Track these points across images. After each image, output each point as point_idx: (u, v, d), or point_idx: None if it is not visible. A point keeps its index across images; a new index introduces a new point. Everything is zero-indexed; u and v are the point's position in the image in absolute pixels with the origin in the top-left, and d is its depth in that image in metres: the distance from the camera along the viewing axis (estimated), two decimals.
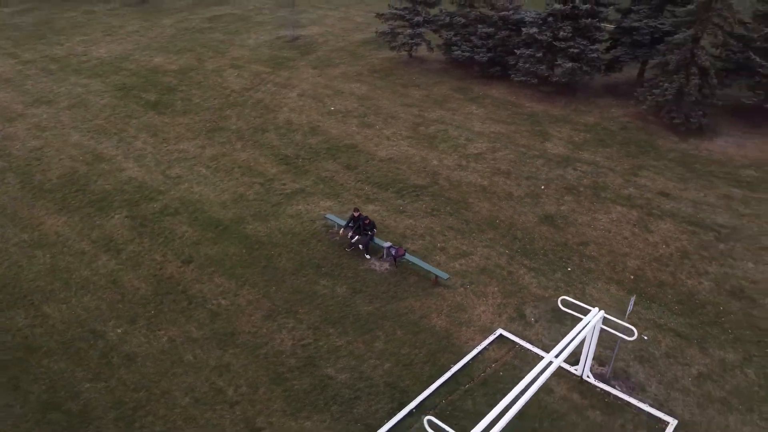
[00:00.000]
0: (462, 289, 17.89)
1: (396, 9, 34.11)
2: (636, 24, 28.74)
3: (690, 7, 25.11)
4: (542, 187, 23.41)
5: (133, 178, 23.54)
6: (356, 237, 19.22)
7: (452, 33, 32.88)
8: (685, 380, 14.91)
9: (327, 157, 25.56)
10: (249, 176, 23.95)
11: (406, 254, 18.63)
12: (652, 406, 14.04)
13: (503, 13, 31.11)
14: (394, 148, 26.29)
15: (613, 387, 14.53)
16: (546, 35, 28.83)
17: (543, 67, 29.48)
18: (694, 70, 25.59)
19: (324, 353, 15.32)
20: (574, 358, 15.29)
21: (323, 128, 27.94)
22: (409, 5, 33.94)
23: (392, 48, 34.52)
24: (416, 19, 33.20)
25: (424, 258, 18.79)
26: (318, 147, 26.37)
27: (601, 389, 14.48)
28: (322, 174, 24.33)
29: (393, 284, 18.00)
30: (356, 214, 19.35)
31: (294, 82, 32.83)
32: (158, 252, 19.11)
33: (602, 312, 13.67)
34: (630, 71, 31.69)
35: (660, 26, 28.31)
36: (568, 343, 12.31)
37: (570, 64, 28.67)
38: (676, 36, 25.87)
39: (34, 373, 14.52)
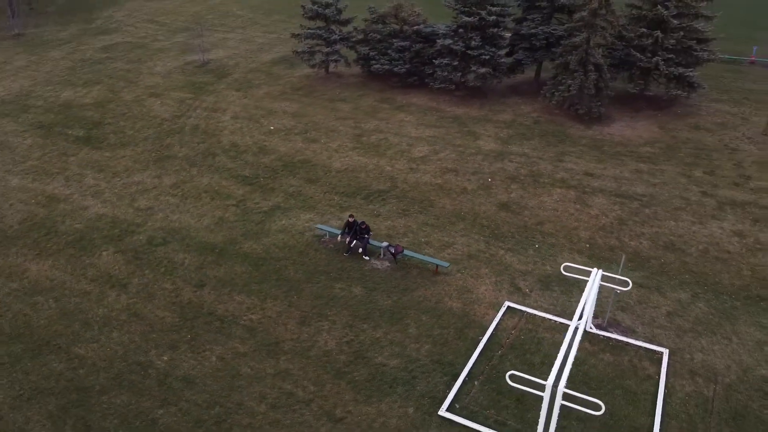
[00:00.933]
0: (459, 274, 20.20)
1: (311, 29, 35.75)
2: (533, 31, 32.81)
3: (582, 13, 29.42)
4: (489, 179, 26.39)
5: (101, 214, 23.24)
6: (354, 242, 20.83)
7: (368, 48, 35.16)
8: (660, 319, 18.34)
9: (286, 174, 26.74)
10: (219, 200, 24.56)
11: (404, 250, 20.58)
12: (645, 342, 17.23)
13: (416, 27, 33.96)
14: (346, 159, 28.04)
15: (612, 333, 17.58)
16: (459, 45, 32.03)
17: (459, 74, 32.66)
18: (590, 67, 29.97)
19: (368, 346, 16.90)
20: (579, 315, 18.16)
21: (271, 147, 29.00)
22: (323, 24, 35.73)
23: (313, 66, 36.13)
24: (333, 37, 35.08)
25: (415, 252, 20.85)
26: (273, 165, 27.44)
27: (603, 336, 17.47)
28: (288, 190, 25.52)
29: (399, 279, 19.89)
30: (351, 220, 20.99)
31: (222, 106, 33.37)
32: (166, 281, 19.45)
33: (601, 270, 16.62)
34: (527, 72, 35.88)
35: (553, 32, 32.61)
36: (584, 304, 15.02)
37: (483, 70, 32.12)
38: (572, 39, 30.11)
39: (100, 410, 14.68)
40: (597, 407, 12.49)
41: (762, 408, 15.13)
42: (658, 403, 15.09)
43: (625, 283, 16.63)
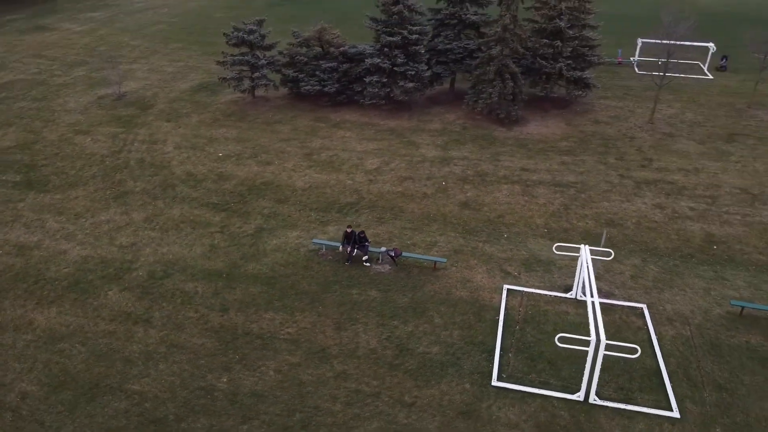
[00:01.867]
0: (454, 268, 22.59)
1: (234, 55, 36.50)
2: (449, 46, 36.19)
3: (496, 29, 33.19)
4: (443, 183, 29.10)
5: (86, 256, 22.80)
6: (355, 250, 22.48)
7: (296, 71, 36.62)
8: (628, 282, 21.94)
9: (254, 197, 27.61)
10: (200, 228, 24.96)
11: (403, 253, 22.60)
12: (625, 301, 20.67)
13: (342, 48, 36.02)
14: (306, 177, 29.42)
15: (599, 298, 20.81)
16: (386, 63, 34.58)
17: (388, 89, 35.19)
18: (507, 76, 33.83)
19: (406, 339, 18.72)
20: (564, 289, 21.28)
21: (228, 173, 29.59)
22: (247, 50, 36.64)
23: (243, 91, 36.86)
24: (261, 62, 36.12)
25: (409, 253, 22.94)
26: (238, 190, 28.14)
27: (595, 305, 20.64)
28: (263, 212, 26.46)
29: (405, 279, 21.87)
30: (350, 231, 22.61)
31: (160, 137, 33.20)
32: (188, 310, 19.87)
33: (587, 246, 19.80)
34: (443, 83, 39.22)
35: (467, 46, 36.22)
36: (581, 278, 18.06)
37: (411, 84, 34.94)
38: (489, 51, 33.79)
39: None
40: (634, 351, 15.41)
41: (729, 338, 19.01)
42: (655, 346, 18.42)
43: (608, 254, 19.92)
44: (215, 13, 61.84)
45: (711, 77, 43.20)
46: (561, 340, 15.95)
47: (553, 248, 20.70)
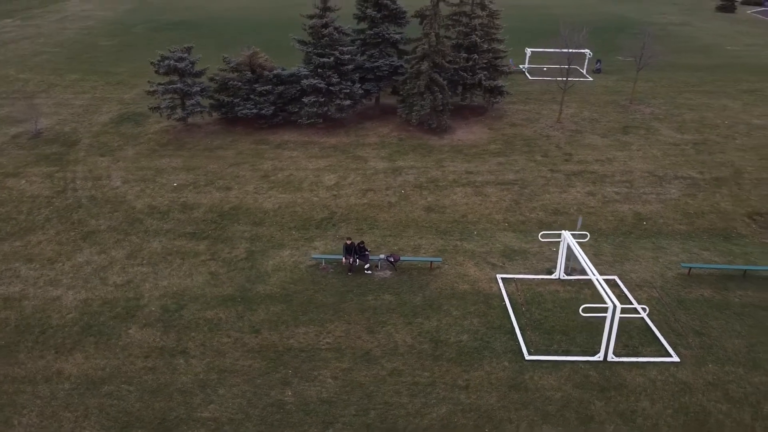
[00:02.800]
0: (446, 265, 24.82)
1: (162, 84, 36.16)
2: (376, 64, 38.51)
3: (423, 46, 36.03)
4: (402, 191, 31.29)
5: (85, 299, 22.13)
6: (357, 261, 23.95)
7: (231, 95, 37.01)
8: (593, 259, 25.40)
9: (229, 223, 28.01)
10: (190, 258, 25.04)
11: (401, 258, 24.45)
12: (600, 275, 24.07)
13: (276, 71, 37.03)
14: (272, 198, 30.22)
15: (577, 275, 24.08)
16: (322, 83, 36.18)
17: (325, 108, 36.76)
18: (436, 88, 36.82)
19: (435, 333, 20.61)
20: (546, 272, 24.30)
21: (192, 202, 29.60)
22: (176, 77, 36.43)
23: (179, 119, 36.52)
24: (194, 89, 36.10)
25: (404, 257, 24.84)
26: (209, 218, 28.35)
27: (572, 280, 23.86)
28: (245, 236, 27.01)
29: (409, 280, 23.73)
30: (349, 242, 24.04)
31: (101, 173, 32.21)
32: (221, 336, 20.25)
33: (567, 232, 22.97)
34: (371, 99, 41.41)
35: (393, 63, 38.77)
36: (564, 257, 21.15)
37: (347, 102, 36.82)
38: (418, 66, 36.54)
39: None
40: (644, 310, 18.58)
41: (688, 293, 23.00)
42: (638, 308, 21.88)
43: (584, 236, 23.20)
44: (99, 41, 59.29)
45: (591, 79, 49.33)
46: (585, 310, 18.74)
47: (539, 236, 23.60)
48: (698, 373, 18.85)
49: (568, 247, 22.67)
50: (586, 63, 50.51)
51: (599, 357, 19.26)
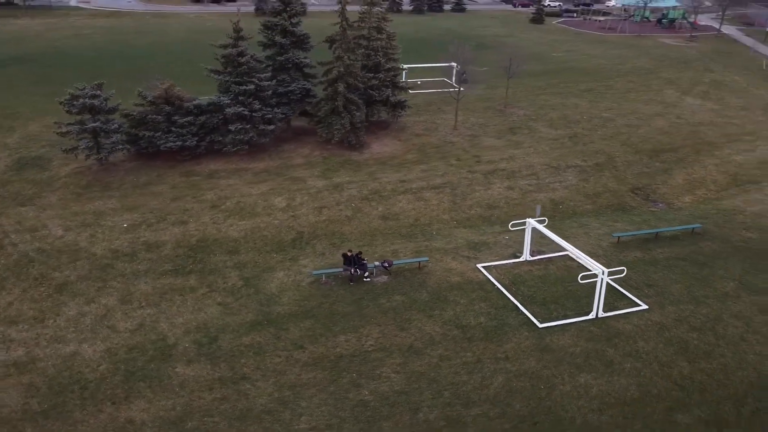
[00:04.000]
0: (431, 264, 27.70)
1: (74, 124, 34.58)
2: (290, 88, 40.20)
3: (338, 69, 38.57)
4: (353, 205, 33.58)
5: (108, 349, 21.45)
6: (357, 270, 25.90)
7: (151, 130, 36.34)
8: (541, 241, 29.96)
9: (205, 255, 28.21)
10: (189, 293, 25.09)
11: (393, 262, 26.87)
12: (558, 252, 28.59)
13: (196, 102, 37.12)
14: (233, 227, 30.78)
15: (541, 255, 28.35)
16: (246, 110, 37.14)
17: (251, 134, 37.68)
18: (353, 107, 39.56)
19: (456, 320, 23.38)
20: (513, 256, 28.26)
21: (154, 240, 29.17)
22: (89, 116, 34.99)
23: (99, 159, 35.00)
24: (113, 126, 34.95)
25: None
26: (182, 253, 28.27)
27: (537, 260, 28.10)
28: (228, 264, 27.49)
29: (406, 281, 26.20)
30: (349, 254, 25.92)
31: (33, 224, 30.23)
32: (271, 357, 21.07)
33: (532, 219, 27.16)
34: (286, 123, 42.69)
35: (305, 86, 40.73)
36: (527, 240, 25.40)
37: (271, 127, 38.14)
38: (334, 87, 38.94)
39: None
40: (622, 272, 23.16)
41: (626, 256, 28.24)
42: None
43: (543, 221, 27.55)
44: None
45: (462, 89, 55.07)
46: (583, 278, 22.82)
47: (509, 225, 27.48)
48: (664, 314, 23.85)
49: (536, 231, 26.79)
50: (454, 74, 56.21)
51: (593, 315, 23.46)
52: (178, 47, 65.94)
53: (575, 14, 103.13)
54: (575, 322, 23.20)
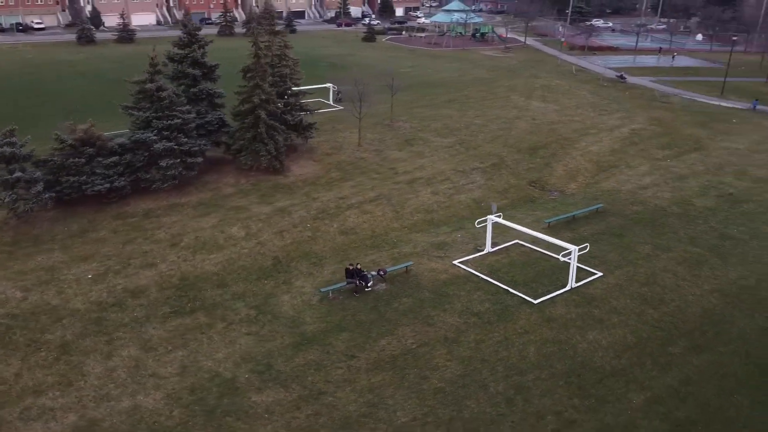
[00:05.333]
0: (413, 266, 30.50)
1: None
2: (208, 119, 40.26)
3: (260, 96, 39.60)
4: (308, 225, 35.15)
5: (169, 394, 21.01)
6: (361, 282, 27.91)
7: (71, 174, 34.22)
8: (489, 233, 34.36)
9: (195, 292, 28.04)
10: (208, 329, 25.06)
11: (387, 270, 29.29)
12: (508, 243, 33.09)
13: (121, 140, 35.76)
14: (206, 262, 30.73)
15: (499, 246, 32.68)
16: (175, 145, 36.71)
17: (180, 169, 37.23)
18: (274, 133, 40.87)
19: (467, 309, 26.42)
20: (476, 250, 32.24)
21: (134, 286, 28.21)
22: (3, 165, 32.28)
23: (19, 216, 32.16)
24: (36, 175, 32.53)
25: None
26: (170, 294, 27.79)
27: (497, 250, 32.38)
28: (226, 297, 27.71)
29: (402, 285, 28.69)
30: (351, 267, 27.83)
31: None
32: (333, 370, 22.28)
33: (492, 216, 31.42)
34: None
35: (220, 117, 41.04)
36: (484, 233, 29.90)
37: (199, 159, 38.08)
38: (256, 114, 39.86)
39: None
40: (586, 248, 28.24)
41: (563, 237, 33.71)
42: (548, 254, 31.61)
43: (499, 215, 31.94)
44: None
45: (340, 107, 58.13)
46: (564, 255, 27.39)
47: (476, 223, 31.36)
48: (616, 277, 29.38)
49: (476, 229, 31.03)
50: (331, 95, 59.15)
51: (569, 287, 28.17)
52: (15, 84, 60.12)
53: (402, 32, 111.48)
54: (558, 294, 27.66)
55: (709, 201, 39.15)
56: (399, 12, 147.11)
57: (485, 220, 31.27)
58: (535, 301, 26.98)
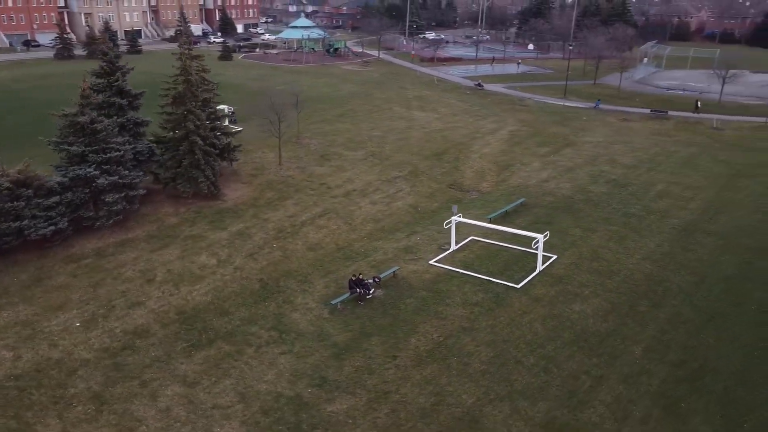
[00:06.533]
0: (398, 271, 32.63)
1: None
2: (140, 149, 38.83)
3: (195, 122, 39.11)
4: (274, 245, 35.75)
5: (243, 423, 21.03)
6: (363, 291, 29.61)
7: (10, 220, 31.54)
8: (440, 237, 37.63)
9: (201, 323, 27.67)
10: (239, 356, 25.12)
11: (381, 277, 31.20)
12: (463, 241, 36.63)
13: (58, 179, 33.47)
14: (193, 293, 30.16)
15: (459, 244, 36.01)
16: (119, 179, 35.21)
17: (123, 203, 35.75)
18: (209, 158, 40.58)
19: (467, 301, 29.27)
20: (443, 250, 35.33)
21: (133, 327, 27.12)
22: None
23: None
24: None
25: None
26: (178, 329, 27.14)
27: (460, 248, 35.73)
28: (235, 323, 27.64)
29: (398, 287, 30.75)
30: (354, 279, 29.43)
31: None
32: (384, 372, 23.76)
33: (454, 217, 34.76)
34: None
35: (151, 146, 39.77)
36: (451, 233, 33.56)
37: (143, 191, 36.85)
38: (189, 141, 39.31)
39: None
40: (547, 235, 32.65)
41: (511, 226, 38.04)
42: (503, 245, 35.65)
43: (459, 215, 35.35)
44: None
45: (239, 128, 57.90)
46: (534, 246, 31.38)
47: (444, 224, 34.38)
48: (567, 257, 34.09)
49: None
50: (226, 116, 58.65)
51: (538, 270, 32.29)
52: None
53: (257, 49, 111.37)
54: (532, 278, 31.62)
55: (601, 187, 46.04)
56: (239, 29, 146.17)
57: (450, 222, 34.33)
58: (518, 286, 30.60)
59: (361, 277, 29.49)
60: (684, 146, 58.31)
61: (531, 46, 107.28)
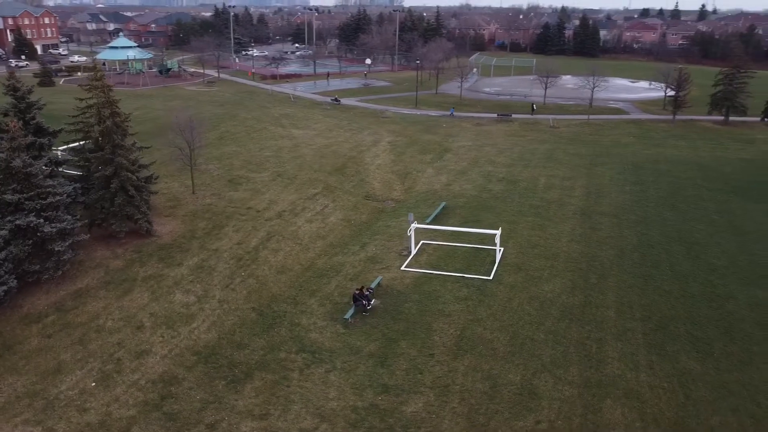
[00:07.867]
0: (384, 280, 34.51)
1: None
2: (68, 191, 35.77)
3: (120, 159, 36.97)
4: (243, 274, 35.56)
5: None
6: (364, 302, 31.21)
7: None
8: (399, 243, 40.26)
9: (223, 359, 27.21)
10: (287, 382, 25.42)
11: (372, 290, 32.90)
12: (418, 244, 39.62)
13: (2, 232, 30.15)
14: (194, 333, 29.23)
15: (416, 248, 38.89)
16: (65, 226, 32.52)
17: (72, 250, 33.09)
18: (142, 194, 38.72)
19: (456, 296, 32.18)
20: (404, 253, 37.98)
21: (154, 377, 25.87)
22: None
23: None
24: None
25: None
26: (204, 369, 26.48)
27: (418, 251, 38.64)
28: (256, 357, 27.65)
29: (390, 295, 32.55)
30: (357, 291, 30.91)
31: None
32: (436, 371, 26.01)
33: (413, 224, 37.67)
34: None
35: (75, 188, 36.85)
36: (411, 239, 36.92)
37: (87, 236, 34.31)
38: (118, 178, 37.17)
39: None
40: (498, 230, 37.04)
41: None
42: (462, 243, 39.35)
43: (415, 222, 38.30)
44: None
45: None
46: (497, 239, 35.40)
47: (407, 231, 36.99)
48: (511, 247, 38.47)
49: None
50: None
51: (498, 261, 36.42)
52: None
53: (78, 73, 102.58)
54: (496, 269, 35.64)
55: (498, 185, 51.94)
56: (38, 50, 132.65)
57: (411, 229, 37.05)
58: (491, 278, 34.35)
59: (363, 289, 30.92)
60: (538, 143, 67.28)
61: (368, 61, 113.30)
